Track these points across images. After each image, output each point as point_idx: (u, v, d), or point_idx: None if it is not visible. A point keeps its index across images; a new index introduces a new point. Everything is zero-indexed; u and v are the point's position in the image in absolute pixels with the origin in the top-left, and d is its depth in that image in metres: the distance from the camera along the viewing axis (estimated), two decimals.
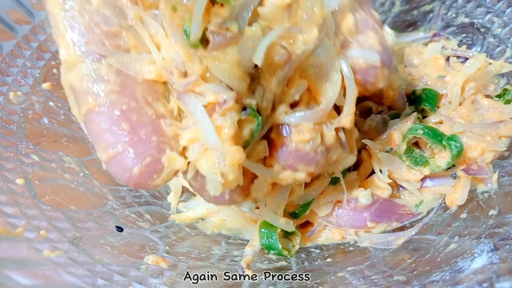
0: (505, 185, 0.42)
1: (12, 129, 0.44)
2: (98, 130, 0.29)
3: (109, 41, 0.30)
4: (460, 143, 0.44)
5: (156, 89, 0.31)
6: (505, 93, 0.50)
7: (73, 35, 0.30)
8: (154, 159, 0.29)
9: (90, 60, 0.30)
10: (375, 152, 0.46)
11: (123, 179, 0.29)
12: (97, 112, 0.29)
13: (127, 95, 0.29)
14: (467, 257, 0.34)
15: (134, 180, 0.29)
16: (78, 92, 0.30)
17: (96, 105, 0.29)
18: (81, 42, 0.30)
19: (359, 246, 0.45)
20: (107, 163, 0.29)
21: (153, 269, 0.38)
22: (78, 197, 0.44)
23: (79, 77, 0.30)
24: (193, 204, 0.52)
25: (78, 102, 0.30)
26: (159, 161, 0.29)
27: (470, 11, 0.58)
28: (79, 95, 0.30)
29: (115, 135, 0.29)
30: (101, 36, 0.30)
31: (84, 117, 0.30)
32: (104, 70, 0.29)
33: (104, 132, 0.29)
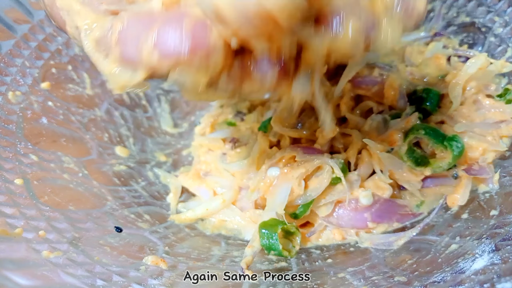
0: (507, 186, 0.42)
1: (10, 129, 0.44)
2: (133, 34, 0.27)
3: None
4: (462, 143, 0.44)
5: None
6: (507, 93, 0.49)
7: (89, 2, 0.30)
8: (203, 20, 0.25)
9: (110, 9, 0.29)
10: (376, 152, 0.45)
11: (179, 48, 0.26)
12: (125, 25, 0.27)
13: (151, 12, 0.27)
14: (468, 258, 0.34)
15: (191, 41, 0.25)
16: (103, 35, 0.29)
17: (123, 22, 0.27)
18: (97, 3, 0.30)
19: (359, 246, 0.45)
20: (156, 46, 0.26)
21: (152, 269, 0.38)
22: (77, 198, 0.43)
23: (101, 26, 0.29)
24: (192, 205, 0.52)
25: (107, 42, 0.28)
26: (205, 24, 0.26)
27: (471, 11, 0.58)
28: (105, 36, 0.28)
29: (149, 22, 0.26)
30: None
31: (118, 45, 0.28)
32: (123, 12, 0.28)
33: (138, 30, 0.27)
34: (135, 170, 0.55)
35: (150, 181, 0.55)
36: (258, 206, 0.49)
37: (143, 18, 0.27)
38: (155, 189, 0.54)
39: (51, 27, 0.53)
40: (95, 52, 0.30)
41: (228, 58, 0.27)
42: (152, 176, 0.56)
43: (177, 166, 0.60)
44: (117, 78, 0.29)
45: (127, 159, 0.55)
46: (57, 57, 0.53)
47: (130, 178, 0.53)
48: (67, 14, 0.32)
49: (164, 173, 0.57)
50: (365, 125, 0.50)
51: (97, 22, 0.29)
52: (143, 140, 0.61)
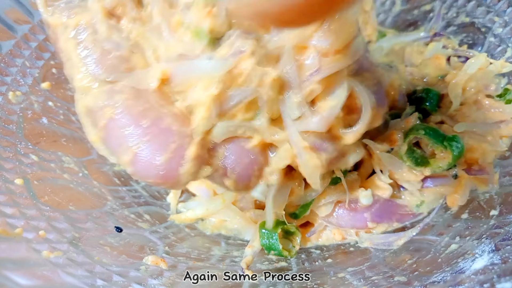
0: (506, 186, 0.42)
1: (11, 129, 0.44)
2: (118, 135, 0.30)
3: (121, 65, 0.31)
4: (461, 143, 0.44)
5: (167, 96, 0.32)
6: (506, 93, 0.49)
7: (88, 64, 0.31)
8: (179, 145, 0.29)
9: (107, 81, 0.31)
10: (376, 152, 0.45)
11: (150, 173, 0.29)
12: (115, 119, 0.30)
13: (142, 99, 0.30)
14: (468, 258, 0.34)
15: (161, 170, 0.29)
16: (94, 110, 0.31)
17: (114, 113, 0.30)
18: (96, 69, 0.31)
19: (359, 246, 0.45)
20: (131, 163, 0.29)
21: (152, 269, 0.38)
22: (77, 197, 0.43)
23: (95, 97, 0.31)
24: (192, 205, 0.52)
25: (96, 119, 0.31)
26: (183, 148, 0.29)
27: (470, 11, 0.58)
28: (95, 112, 0.31)
29: (136, 133, 0.29)
30: (114, 61, 0.31)
31: (103, 130, 0.30)
32: (118, 86, 0.31)
33: (124, 134, 0.29)
34: None
35: None
36: (258, 206, 0.49)
37: (133, 122, 0.30)
38: (155, 189, 0.54)
39: None
40: (84, 117, 0.32)
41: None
42: None
43: None
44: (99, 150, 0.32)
45: None
46: (58, 57, 0.53)
47: (130, 178, 0.53)
48: (66, 60, 0.33)
49: None
50: None
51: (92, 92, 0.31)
52: None
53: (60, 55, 0.34)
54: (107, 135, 0.31)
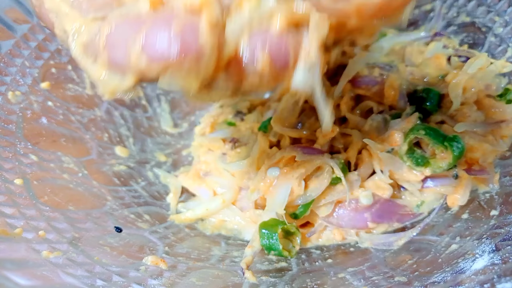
0: (507, 186, 0.42)
1: (10, 129, 0.44)
2: (121, 38, 0.27)
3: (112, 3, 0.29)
4: (462, 144, 0.44)
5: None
6: (507, 93, 0.49)
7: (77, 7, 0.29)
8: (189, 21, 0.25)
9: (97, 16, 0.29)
10: (376, 152, 0.45)
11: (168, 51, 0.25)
12: (112, 29, 0.27)
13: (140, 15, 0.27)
14: (469, 258, 0.34)
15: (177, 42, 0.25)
16: (90, 41, 0.28)
17: (111, 26, 0.27)
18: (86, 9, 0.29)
19: (360, 246, 0.45)
20: (144, 50, 0.26)
21: (152, 270, 0.37)
22: (77, 198, 0.43)
23: (88, 31, 0.28)
24: (192, 205, 0.52)
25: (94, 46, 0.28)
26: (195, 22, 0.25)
27: (471, 10, 0.58)
28: (91, 41, 0.28)
29: (137, 25, 0.26)
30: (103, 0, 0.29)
31: (105, 49, 0.27)
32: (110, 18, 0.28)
33: (126, 33, 0.26)
34: (135, 170, 0.55)
35: (150, 181, 0.55)
36: (258, 206, 0.49)
37: (130, 20, 0.27)
38: (155, 189, 0.54)
39: None
40: (83, 57, 0.29)
41: (221, 59, 0.27)
42: (152, 176, 0.56)
43: (177, 166, 0.60)
44: (107, 83, 0.29)
45: (127, 159, 0.55)
46: (57, 57, 0.53)
47: (130, 178, 0.53)
48: (55, 16, 0.31)
49: (164, 173, 0.57)
50: (365, 125, 0.50)
51: (85, 26, 0.29)
52: (143, 140, 0.61)
53: (49, 15, 0.31)
54: (109, 49, 0.27)
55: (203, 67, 0.27)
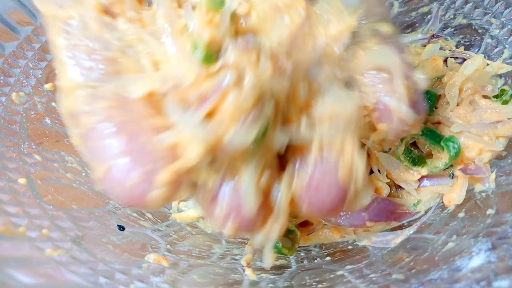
0: (503, 185, 0.43)
1: (14, 129, 0.44)
2: (95, 147, 0.27)
3: (108, 67, 0.29)
4: (458, 144, 0.44)
5: (156, 104, 0.28)
6: (503, 94, 0.50)
7: (74, 62, 0.29)
8: (150, 168, 0.26)
9: (90, 85, 0.28)
10: (374, 152, 0.46)
11: (118, 194, 0.26)
12: (94, 129, 0.27)
13: (124, 109, 0.28)
14: (465, 256, 0.34)
15: (129, 193, 0.26)
16: (77, 114, 0.28)
17: (94, 121, 0.27)
18: (81, 69, 0.29)
19: (358, 245, 0.45)
20: (102, 179, 0.27)
21: (154, 267, 0.38)
22: (80, 197, 0.44)
23: (77, 100, 0.28)
24: (194, 203, 0.53)
25: (78, 124, 0.28)
26: (154, 172, 0.26)
27: (468, 13, 0.59)
28: (78, 116, 0.28)
29: (112, 147, 0.26)
30: (102, 62, 0.29)
31: (82, 138, 0.28)
32: (102, 91, 0.28)
33: (100, 147, 0.27)
34: None
35: None
36: None
37: (110, 135, 0.27)
38: None
39: None
40: (66, 118, 0.30)
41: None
42: None
43: None
44: (84, 157, 0.29)
45: None
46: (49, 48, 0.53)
47: None
48: (54, 54, 0.31)
49: None
50: None
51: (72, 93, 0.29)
52: None
53: (50, 47, 0.31)
54: (83, 143, 0.28)
55: (157, 207, 0.28)
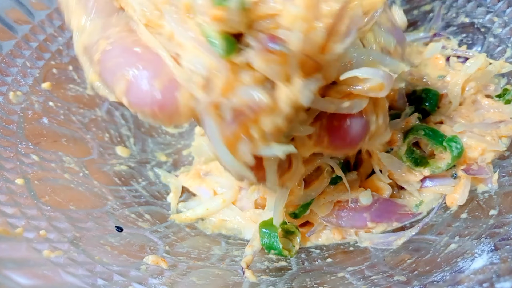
0: (506, 185, 0.42)
1: (11, 129, 0.44)
2: (112, 65, 0.28)
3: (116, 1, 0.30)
4: (461, 144, 0.44)
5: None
6: (506, 93, 0.50)
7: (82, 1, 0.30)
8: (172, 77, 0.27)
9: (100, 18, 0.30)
10: (376, 152, 0.46)
11: (146, 101, 0.27)
12: (109, 50, 0.28)
13: (135, 33, 0.29)
14: (468, 257, 0.34)
15: (158, 95, 0.26)
16: (90, 45, 0.30)
17: (107, 43, 0.29)
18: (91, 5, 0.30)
19: (359, 246, 0.45)
20: (126, 92, 0.27)
21: (153, 269, 0.38)
22: (78, 197, 0.44)
23: (89, 34, 0.30)
24: (193, 204, 0.52)
25: (91, 55, 0.29)
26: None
27: (470, 11, 0.58)
28: (91, 47, 0.29)
29: (129, 60, 0.28)
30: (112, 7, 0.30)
31: (99, 64, 0.29)
32: (112, 20, 0.30)
33: (118, 63, 0.28)
34: (135, 170, 0.55)
35: (151, 181, 0.55)
36: (258, 206, 0.49)
37: (126, 50, 0.28)
38: (155, 188, 0.54)
39: (51, 27, 0.53)
40: (82, 56, 0.31)
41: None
42: (152, 176, 0.56)
43: (178, 166, 0.60)
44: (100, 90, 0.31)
45: (127, 159, 0.55)
46: (58, 58, 0.53)
47: (130, 178, 0.53)
48: (65, 7, 0.32)
49: (165, 173, 0.57)
50: None
51: (88, 27, 0.30)
52: (144, 140, 0.61)
53: (61, 6, 0.33)
54: (101, 68, 0.29)
55: (176, 122, 0.28)
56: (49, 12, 0.52)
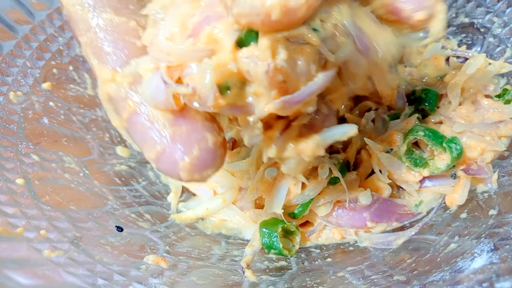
0: (505, 185, 0.42)
1: (12, 129, 0.44)
2: (142, 130, 0.29)
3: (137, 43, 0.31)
4: (460, 145, 0.44)
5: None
6: (505, 93, 0.50)
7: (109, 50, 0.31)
8: (205, 145, 0.28)
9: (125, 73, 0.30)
10: (375, 152, 0.46)
11: (175, 172, 0.28)
12: (138, 114, 0.29)
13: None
14: (467, 257, 0.34)
15: (187, 169, 0.28)
16: (117, 100, 0.30)
17: (136, 107, 0.29)
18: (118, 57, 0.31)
19: (359, 246, 0.45)
20: (156, 160, 0.29)
21: (153, 269, 0.38)
22: (78, 197, 0.44)
23: (117, 87, 0.30)
24: (193, 204, 0.52)
25: (119, 109, 0.31)
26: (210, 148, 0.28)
27: (470, 11, 0.58)
28: (118, 102, 0.30)
29: (160, 131, 0.29)
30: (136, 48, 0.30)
31: (126, 122, 0.30)
32: (135, 99, 0.30)
33: (149, 129, 0.29)
34: (136, 170, 0.55)
35: (151, 181, 0.55)
36: (258, 206, 0.49)
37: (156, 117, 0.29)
38: (155, 188, 0.55)
39: (52, 27, 0.53)
40: (106, 103, 0.32)
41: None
42: (152, 175, 0.56)
43: None
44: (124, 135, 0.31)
45: (128, 159, 0.55)
46: (58, 58, 0.53)
47: (131, 177, 0.53)
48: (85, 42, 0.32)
49: None
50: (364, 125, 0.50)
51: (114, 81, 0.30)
52: None
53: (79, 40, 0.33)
54: (130, 128, 0.30)
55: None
56: (49, 12, 0.53)
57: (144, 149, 0.30)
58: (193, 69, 0.27)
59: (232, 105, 0.27)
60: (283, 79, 0.26)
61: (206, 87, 0.26)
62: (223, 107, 0.27)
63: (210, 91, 0.26)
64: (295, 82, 0.27)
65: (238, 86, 0.27)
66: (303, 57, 0.26)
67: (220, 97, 0.26)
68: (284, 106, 0.27)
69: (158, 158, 0.29)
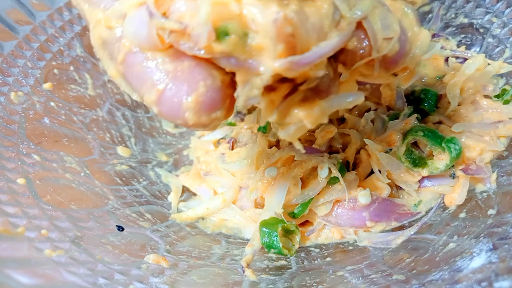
0: (504, 185, 0.42)
1: (13, 129, 0.44)
2: (140, 70, 0.26)
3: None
4: (459, 145, 0.44)
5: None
6: (504, 93, 0.50)
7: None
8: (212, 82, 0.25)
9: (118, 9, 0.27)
10: (375, 152, 0.46)
11: (179, 113, 0.25)
12: (135, 52, 0.26)
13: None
14: (466, 257, 0.34)
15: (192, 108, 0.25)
16: (110, 42, 0.28)
17: (132, 45, 0.27)
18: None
19: (358, 245, 0.45)
20: (157, 102, 0.26)
21: (153, 268, 0.38)
22: (79, 197, 0.44)
23: (110, 32, 0.27)
24: (193, 204, 0.53)
25: (113, 53, 0.28)
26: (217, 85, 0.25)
27: (469, 12, 0.58)
28: (112, 44, 0.27)
29: (160, 68, 0.26)
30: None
31: (122, 65, 0.27)
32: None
33: (147, 68, 0.26)
34: (136, 169, 0.55)
35: (152, 181, 0.55)
36: (258, 205, 0.49)
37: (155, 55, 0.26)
38: (156, 188, 0.55)
39: (52, 28, 0.53)
40: (100, 49, 0.29)
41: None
42: (153, 175, 0.56)
43: (178, 165, 0.60)
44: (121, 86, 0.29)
45: (128, 159, 0.56)
46: (59, 58, 0.53)
47: (131, 177, 0.53)
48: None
49: (165, 172, 0.57)
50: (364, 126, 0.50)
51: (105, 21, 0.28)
52: (145, 140, 0.61)
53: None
54: (126, 70, 0.27)
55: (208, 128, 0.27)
56: (50, 13, 0.53)
57: (144, 92, 0.26)
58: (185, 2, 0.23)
59: (229, 55, 0.23)
60: (292, 32, 0.23)
61: (199, 24, 0.22)
62: (217, 53, 0.23)
63: (204, 28, 0.22)
64: (305, 38, 0.23)
65: (239, 34, 0.23)
66: (316, 11, 0.24)
67: (216, 40, 0.23)
68: (291, 67, 0.23)
69: (159, 99, 0.25)
